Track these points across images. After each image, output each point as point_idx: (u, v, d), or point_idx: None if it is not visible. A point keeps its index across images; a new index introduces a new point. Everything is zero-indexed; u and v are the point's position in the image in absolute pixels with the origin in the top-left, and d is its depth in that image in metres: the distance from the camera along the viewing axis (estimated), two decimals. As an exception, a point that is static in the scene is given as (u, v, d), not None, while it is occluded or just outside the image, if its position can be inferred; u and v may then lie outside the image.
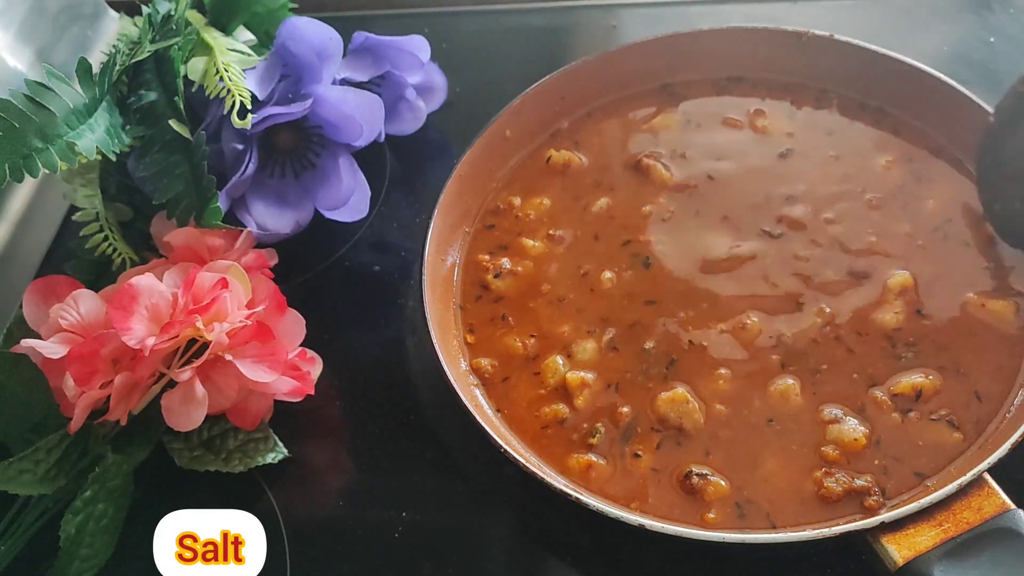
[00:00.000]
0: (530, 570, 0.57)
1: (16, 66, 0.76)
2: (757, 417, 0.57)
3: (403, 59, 0.74)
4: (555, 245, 0.69)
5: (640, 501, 0.55)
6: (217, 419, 0.61)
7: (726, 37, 0.74)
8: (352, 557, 0.58)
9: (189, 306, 0.56)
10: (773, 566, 0.54)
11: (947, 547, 0.48)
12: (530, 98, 0.73)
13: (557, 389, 0.61)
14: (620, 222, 0.69)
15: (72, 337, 0.56)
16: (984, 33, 0.81)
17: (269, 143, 0.69)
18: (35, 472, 0.58)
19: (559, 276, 0.67)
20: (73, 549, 0.56)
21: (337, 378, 0.66)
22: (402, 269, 0.72)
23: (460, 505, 0.60)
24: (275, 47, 0.67)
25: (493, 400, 0.61)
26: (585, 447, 0.58)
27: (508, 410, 0.61)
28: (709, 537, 0.51)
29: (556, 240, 0.69)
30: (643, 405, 0.59)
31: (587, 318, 0.64)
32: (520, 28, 0.91)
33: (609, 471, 0.57)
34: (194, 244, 0.62)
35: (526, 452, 0.58)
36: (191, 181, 0.64)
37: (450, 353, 0.62)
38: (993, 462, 0.50)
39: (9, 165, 0.56)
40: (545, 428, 0.59)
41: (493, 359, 0.63)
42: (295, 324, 0.62)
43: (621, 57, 0.75)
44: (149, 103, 0.66)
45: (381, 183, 0.78)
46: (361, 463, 0.63)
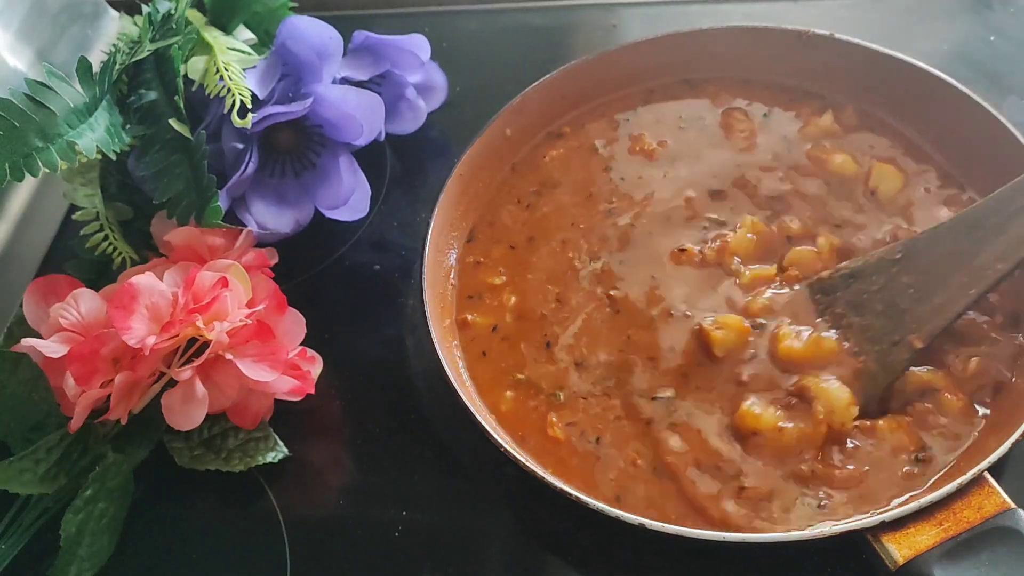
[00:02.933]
0: (530, 570, 0.57)
1: (16, 65, 0.76)
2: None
3: (403, 58, 0.74)
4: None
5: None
6: (217, 418, 0.61)
7: (727, 36, 0.74)
8: (352, 556, 0.58)
9: (189, 305, 0.56)
10: (773, 565, 0.54)
11: (947, 546, 0.48)
12: (530, 97, 0.73)
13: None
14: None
15: (72, 336, 0.56)
16: (984, 32, 0.81)
17: (269, 142, 0.69)
18: (35, 471, 0.58)
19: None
20: (73, 548, 0.57)
21: (337, 377, 0.66)
22: (402, 268, 0.72)
23: (460, 505, 0.60)
24: (275, 46, 0.67)
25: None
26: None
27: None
28: (709, 537, 0.51)
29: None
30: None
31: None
32: (520, 28, 0.91)
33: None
34: (194, 243, 0.63)
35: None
36: (191, 180, 0.64)
37: (450, 352, 0.62)
38: (993, 461, 0.50)
39: (9, 164, 0.56)
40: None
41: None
42: (295, 323, 0.62)
43: (621, 56, 0.75)
44: (149, 102, 0.66)
45: (381, 182, 0.78)
46: (361, 463, 0.63)
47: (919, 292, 0.57)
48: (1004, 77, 0.76)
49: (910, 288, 0.58)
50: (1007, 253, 0.55)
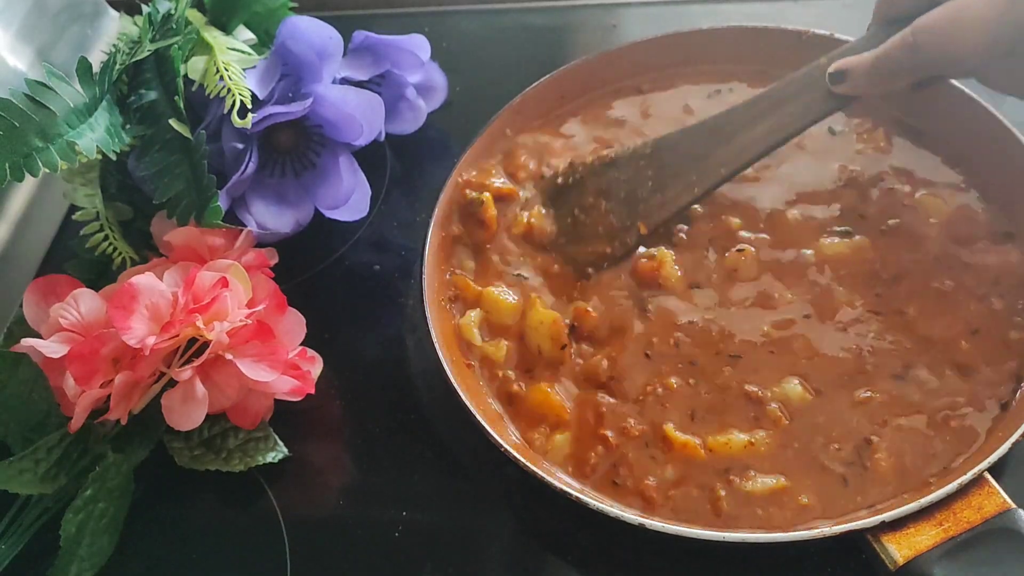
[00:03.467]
0: (530, 570, 0.57)
1: (16, 65, 0.76)
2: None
3: (403, 58, 0.74)
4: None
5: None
6: (217, 418, 0.61)
7: (727, 36, 0.74)
8: (352, 556, 0.58)
9: (189, 305, 0.56)
10: (773, 565, 0.54)
11: (947, 546, 0.48)
12: (530, 97, 0.73)
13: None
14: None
15: (72, 336, 0.56)
16: (984, 32, 0.80)
17: (269, 142, 0.69)
18: (35, 471, 0.58)
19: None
20: (73, 548, 0.57)
21: (337, 377, 0.66)
22: (402, 268, 0.72)
23: (460, 505, 0.60)
24: (275, 46, 0.67)
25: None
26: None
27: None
28: (709, 537, 0.51)
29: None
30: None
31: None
32: (520, 28, 0.91)
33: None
34: (194, 243, 0.63)
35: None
36: (191, 180, 0.64)
37: (450, 352, 0.62)
38: (993, 461, 0.50)
39: (10, 164, 0.56)
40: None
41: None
42: (295, 323, 0.62)
43: (621, 56, 0.75)
44: (149, 102, 0.66)
45: (381, 182, 0.78)
46: (361, 462, 0.63)
47: (656, 184, 0.63)
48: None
49: (649, 181, 0.63)
50: (730, 159, 0.63)
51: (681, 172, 0.64)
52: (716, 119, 0.65)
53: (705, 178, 0.63)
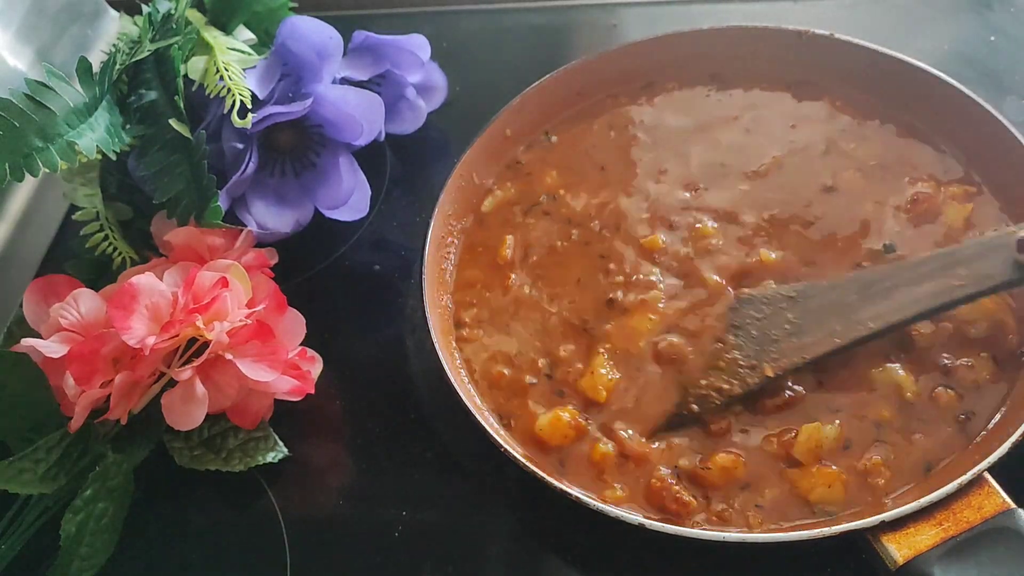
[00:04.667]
0: (530, 570, 0.57)
1: (16, 65, 0.76)
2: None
3: (403, 58, 0.74)
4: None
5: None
6: (217, 418, 0.61)
7: (727, 36, 0.74)
8: (352, 556, 0.58)
9: (189, 305, 0.56)
10: (773, 565, 0.54)
11: (947, 546, 0.48)
12: (530, 97, 0.73)
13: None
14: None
15: (72, 336, 0.56)
16: (985, 32, 0.80)
17: (269, 142, 0.69)
18: (35, 471, 0.58)
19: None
20: (73, 548, 0.57)
21: (337, 377, 0.66)
22: (402, 268, 0.72)
23: (460, 505, 0.60)
24: (275, 46, 0.67)
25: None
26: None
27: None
28: (709, 537, 0.51)
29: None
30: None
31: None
32: (520, 27, 0.91)
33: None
34: (194, 243, 0.63)
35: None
36: (191, 180, 0.64)
37: (450, 352, 0.62)
38: (993, 461, 0.50)
39: (10, 164, 0.56)
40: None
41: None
42: (295, 323, 0.62)
43: (621, 56, 0.75)
44: (149, 102, 0.66)
45: (381, 182, 0.78)
46: (361, 462, 0.63)
47: (794, 328, 0.60)
48: (1004, 77, 0.76)
49: (787, 324, 0.60)
50: (882, 315, 0.58)
51: (825, 320, 0.59)
52: (877, 271, 0.60)
53: (850, 330, 0.58)
